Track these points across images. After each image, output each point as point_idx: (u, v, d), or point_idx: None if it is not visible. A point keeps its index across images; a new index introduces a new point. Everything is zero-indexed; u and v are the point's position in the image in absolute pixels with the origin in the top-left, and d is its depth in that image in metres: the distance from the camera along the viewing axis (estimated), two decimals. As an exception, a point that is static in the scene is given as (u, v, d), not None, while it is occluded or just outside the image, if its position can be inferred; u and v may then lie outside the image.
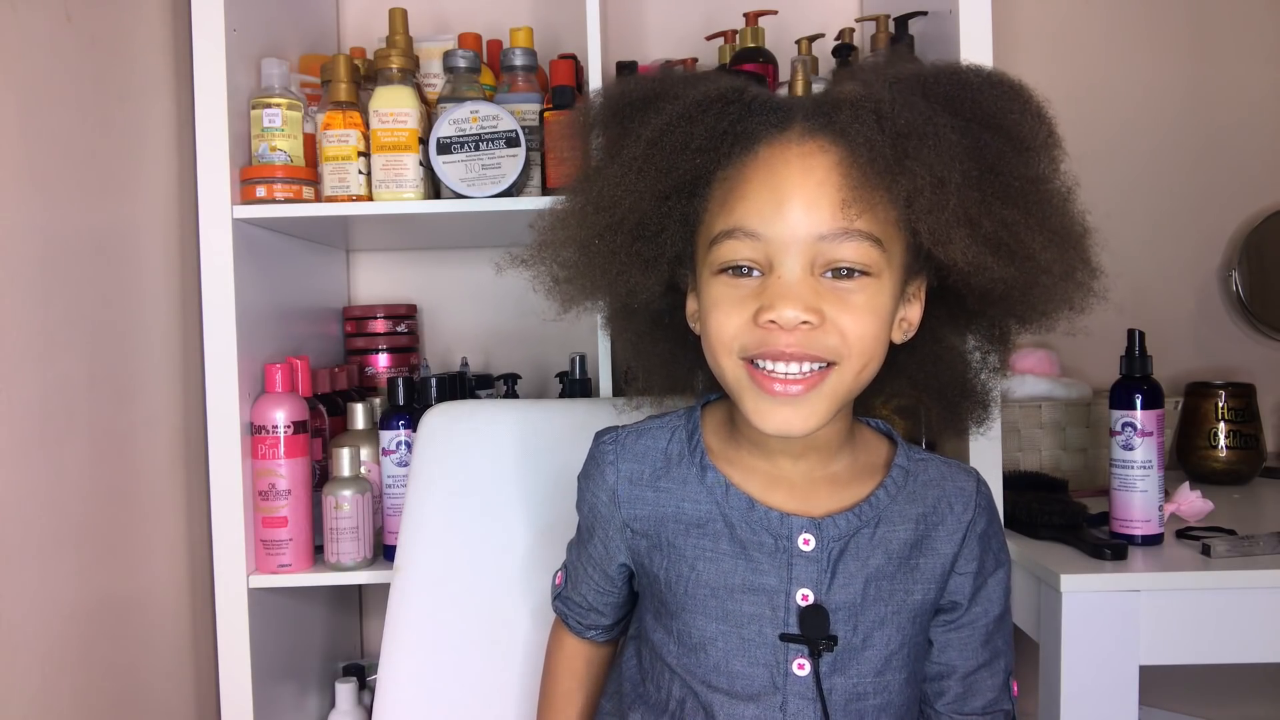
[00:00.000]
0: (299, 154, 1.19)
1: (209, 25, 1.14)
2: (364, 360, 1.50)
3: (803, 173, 0.68)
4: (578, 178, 0.79)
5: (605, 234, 0.74)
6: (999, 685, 0.80)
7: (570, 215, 0.77)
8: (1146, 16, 1.64)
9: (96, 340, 1.04)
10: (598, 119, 0.78)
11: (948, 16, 1.18)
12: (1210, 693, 1.61)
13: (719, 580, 0.75)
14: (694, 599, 0.75)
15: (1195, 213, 1.65)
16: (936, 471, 0.79)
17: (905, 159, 0.66)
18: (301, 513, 1.19)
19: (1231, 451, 1.48)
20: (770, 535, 0.74)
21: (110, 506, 1.06)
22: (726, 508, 0.76)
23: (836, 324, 0.68)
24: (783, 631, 0.74)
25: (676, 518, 0.77)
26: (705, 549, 0.75)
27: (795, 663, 0.74)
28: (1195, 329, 1.65)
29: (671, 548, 0.77)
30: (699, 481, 0.77)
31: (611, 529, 0.80)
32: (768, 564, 0.74)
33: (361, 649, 1.62)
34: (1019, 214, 0.69)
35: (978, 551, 0.77)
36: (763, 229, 0.68)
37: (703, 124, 0.70)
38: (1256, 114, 1.64)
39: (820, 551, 0.74)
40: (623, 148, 0.73)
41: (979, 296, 0.75)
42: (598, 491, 0.81)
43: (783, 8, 1.50)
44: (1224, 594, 1.01)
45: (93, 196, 1.04)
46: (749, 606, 0.74)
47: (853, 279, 0.69)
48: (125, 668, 1.08)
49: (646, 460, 0.80)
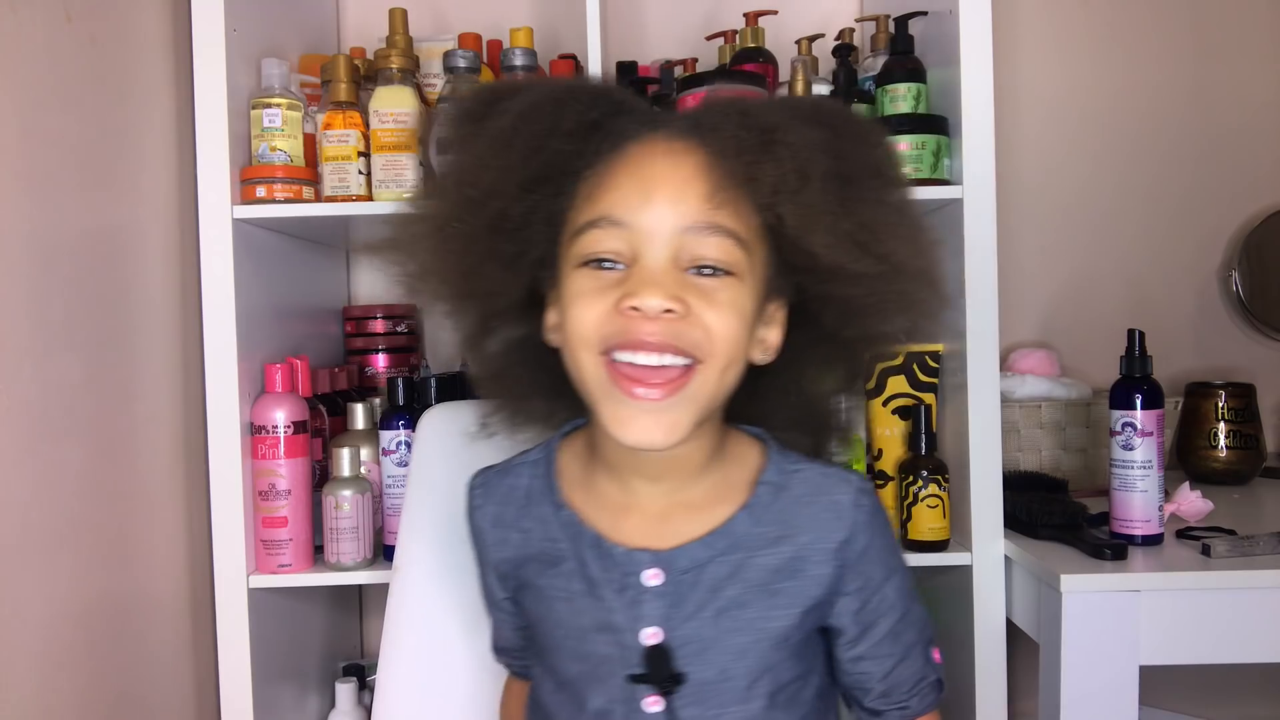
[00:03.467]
0: (299, 154, 1.19)
1: (209, 25, 1.14)
2: (364, 360, 1.50)
3: (670, 167, 0.68)
4: (439, 165, 0.79)
5: (465, 216, 0.71)
6: (920, 666, 0.78)
7: (429, 201, 0.76)
8: (1147, 16, 1.63)
9: (96, 340, 1.04)
10: (461, 115, 0.77)
11: (948, 16, 1.18)
12: (1210, 693, 1.61)
13: (572, 621, 0.74)
14: (554, 640, 0.76)
15: (1195, 213, 1.65)
16: (812, 484, 0.75)
17: (771, 147, 0.66)
18: (301, 513, 1.19)
19: (1231, 451, 1.48)
20: (619, 573, 0.72)
21: (110, 506, 1.06)
22: (579, 545, 0.74)
23: (701, 318, 0.67)
24: (630, 672, 0.72)
25: (537, 558, 0.76)
26: (560, 589, 0.75)
27: (648, 700, 0.72)
28: (1195, 329, 1.65)
29: (534, 589, 0.77)
30: (555, 519, 0.76)
31: (489, 570, 0.82)
32: (616, 602, 0.72)
33: (361, 649, 1.62)
34: (877, 216, 0.70)
35: (859, 570, 0.74)
36: (628, 218, 0.67)
37: (572, 110, 0.70)
38: (1257, 114, 1.64)
39: (669, 586, 0.72)
40: (487, 127, 0.72)
41: (837, 312, 0.74)
42: (473, 536, 0.83)
43: (783, 8, 1.50)
44: (1224, 594, 1.01)
45: (93, 196, 1.04)
46: (601, 647, 0.73)
47: (716, 277, 0.68)
48: (125, 668, 1.08)
49: (510, 501, 0.79)
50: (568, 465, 0.79)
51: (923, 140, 1.18)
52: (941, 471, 1.19)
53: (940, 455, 1.22)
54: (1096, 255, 1.65)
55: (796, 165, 0.67)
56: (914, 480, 1.19)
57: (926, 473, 1.18)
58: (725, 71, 1.36)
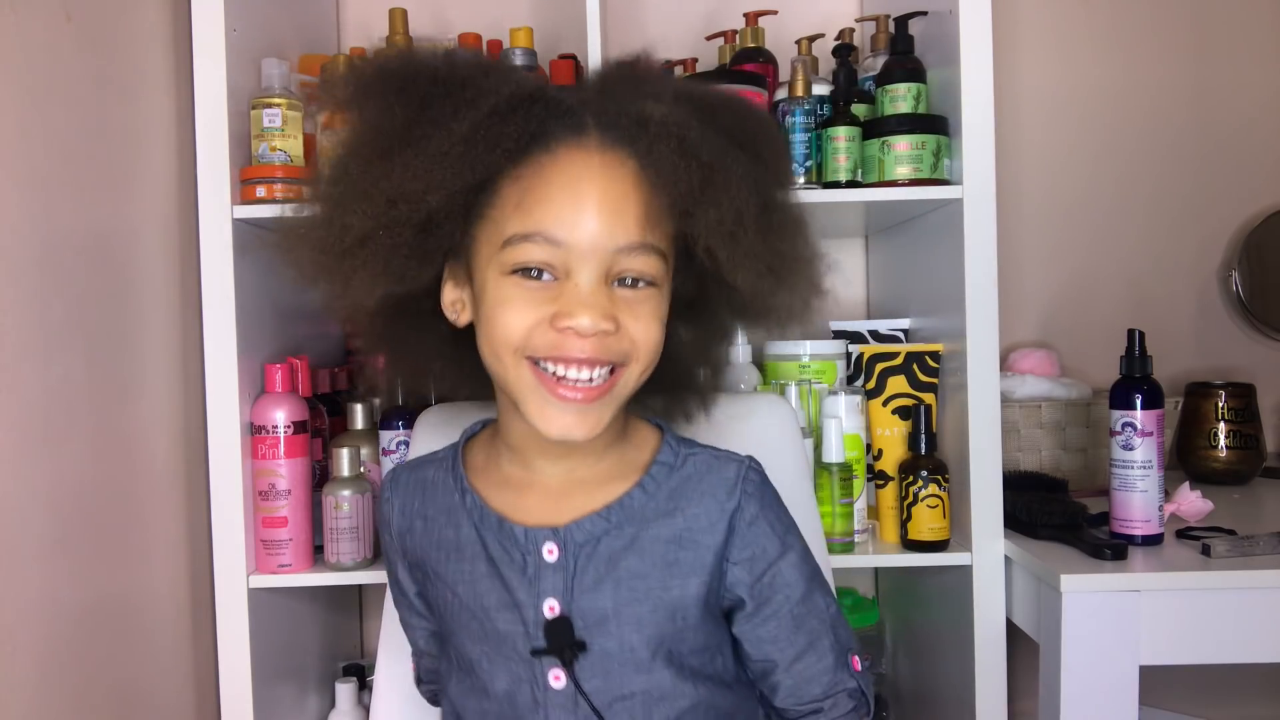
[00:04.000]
0: (299, 154, 1.19)
1: (209, 25, 1.14)
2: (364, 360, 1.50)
3: (605, 184, 0.69)
4: (345, 161, 0.72)
5: (394, 228, 0.70)
6: (831, 666, 0.78)
7: (342, 204, 0.71)
8: (1147, 16, 1.63)
9: (96, 340, 1.04)
10: (370, 91, 0.73)
11: (948, 16, 1.18)
12: (1210, 693, 1.61)
13: (475, 601, 0.76)
14: (458, 622, 0.77)
15: (1195, 213, 1.65)
16: (703, 464, 0.78)
17: (709, 189, 0.69)
18: (301, 513, 1.19)
19: (1231, 451, 1.48)
20: (519, 551, 0.75)
21: (110, 506, 1.06)
22: (482, 529, 0.77)
23: (629, 332, 0.70)
24: (533, 646, 0.73)
25: (440, 545, 0.79)
26: (464, 572, 0.76)
27: (551, 675, 0.74)
28: (1195, 329, 1.65)
29: (437, 575, 0.79)
30: (460, 507, 0.78)
31: (398, 563, 0.84)
32: (517, 580, 0.74)
33: (361, 649, 1.62)
34: (787, 245, 0.75)
35: (750, 539, 0.76)
36: (564, 236, 0.68)
37: (514, 124, 0.69)
38: (1257, 114, 1.64)
39: (566, 560, 0.74)
40: (423, 139, 0.69)
41: (733, 309, 0.79)
42: (383, 529, 0.85)
43: (783, 8, 1.50)
44: (1224, 594, 1.01)
45: (93, 196, 1.04)
46: (503, 625, 0.75)
47: (639, 289, 0.71)
48: (125, 668, 1.08)
49: (417, 492, 0.82)
50: (473, 457, 0.82)
51: (923, 140, 1.18)
52: (941, 471, 1.19)
53: (940, 455, 1.22)
54: (1097, 255, 1.65)
55: (734, 210, 0.70)
56: (914, 480, 1.19)
57: (926, 473, 1.18)
58: (725, 71, 1.36)
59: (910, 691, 1.46)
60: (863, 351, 1.30)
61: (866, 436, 1.27)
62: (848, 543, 1.20)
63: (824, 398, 1.26)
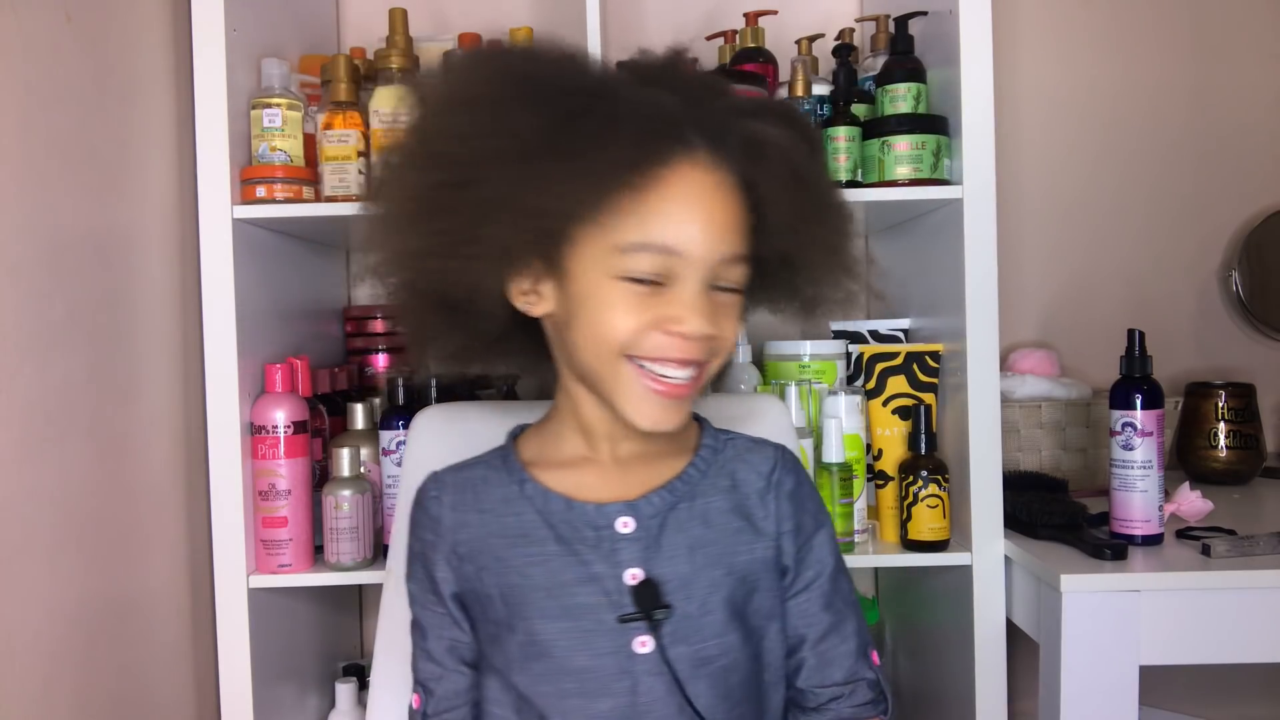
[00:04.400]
0: (299, 154, 1.19)
1: (209, 25, 1.14)
2: (364, 360, 1.50)
3: (716, 200, 0.73)
4: (476, 165, 0.70)
5: (535, 239, 0.72)
6: (854, 651, 0.81)
7: (478, 212, 0.71)
8: (1147, 16, 1.64)
9: (96, 340, 1.04)
10: (510, 93, 0.71)
11: (948, 16, 1.18)
12: (1210, 693, 1.61)
13: (550, 579, 0.77)
14: (530, 604, 0.77)
15: (1195, 213, 1.65)
16: (743, 446, 0.84)
17: (819, 210, 0.78)
18: (301, 513, 1.19)
19: (1231, 451, 1.48)
20: (591, 528, 0.78)
21: (110, 506, 1.06)
22: (547, 512, 0.79)
23: (722, 333, 0.75)
24: (621, 613, 0.75)
25: (500, 534, 0.79)
26: (533, 555, 0.78)
27: (637, 642, 0.75)
28: (1195, 329, 1.65)
29: (499, 562, 0.79)
30: (519, 496, 0.80)
31: (439, 561, 0.81)
32: (593, 554, 0.77)
33: (361, 649, 1.62)
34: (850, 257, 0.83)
35: (791, 510, 0.81)
36: (679, 247, 0.72)
37: (659, 146, 0.71)
38: (1257, 114, 1.64)
39: (641, 531, 0.78)
40: (572, 153, 0.69)
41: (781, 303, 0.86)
42: (423, 532, 0.82)
43: (783, 8, 1.50)
44: (1224, 594, 1.01)
45: (93, 196, 1.04)
46: (584, 598, 0.76)
47: (728, 293, 0.76)
48: (125, 668, 1.08)
49: (468, 488, 0.82)
50: (524, 450, 0.84)
51: (923, 140, 1.18)
52: (941, 471, 1.19)
53: (940, 455, 1.22)
54: (1096, 255, 1.65)
55: (837, 229, 0.79)
56: (914, 480, 1.19)
57: (926, 473, 1.18)
58: (725, 71, 1.36)
59: (910, 691, 1.46)
60: (863, 351, 1.30)
61: (866, 436, 1.27)
62: (848, 543, 1.20)
63: (824, 398, 1.27)
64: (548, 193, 0.69)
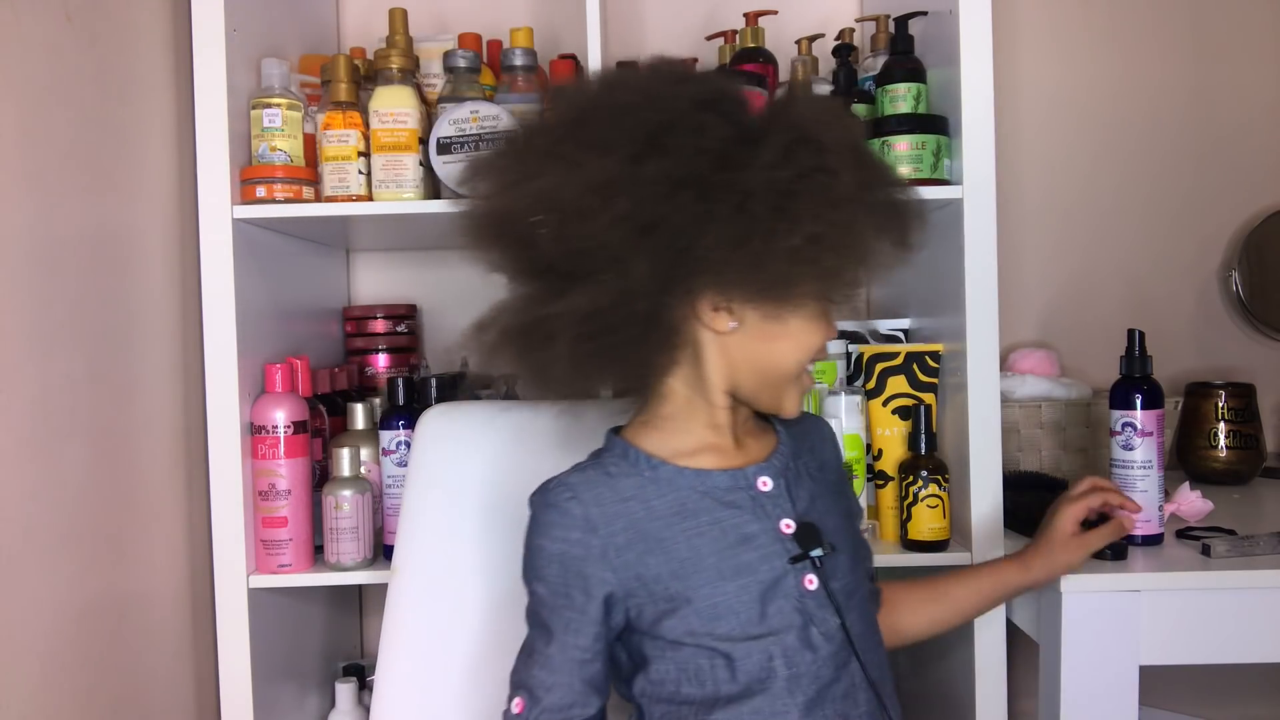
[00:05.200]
0: (299, 154, 1.19)
1: (209, 25, 1.14)
2: (364, 360, 1.50)
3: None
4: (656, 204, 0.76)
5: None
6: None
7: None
8: (1147, 16, 1.63)
9: (96, 340, 1.04)
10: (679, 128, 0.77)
11: (948, 16, 1.18)
12: (1211, 693, 1.61)
13: (715, 544, 0.82)
14: (702, 571, 0.82)
15: (1195, 213, 1.65)
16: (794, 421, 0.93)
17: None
18: (301, 513, 1.19)
19: (1231, 451, 1.48)
20: (736, 490, 0.85)
21: (110, 506, 1.06)
22: (694, 486, 0.85)
23: None
24: (791, 554, 0.83)
25: (653, 517, 0.83)
26: (690, 527, 0.83)
27: (805, 580, 0.83)
28: (1195, 329, 1.65)
29: (662, 542, 0.82)
30: (656, 480, 0.85)
31: (591, 560, 0.81)
32: (746, 515, 0.84)
33: (361, 649, 1.62)
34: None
35: (839, 462, 0.99)
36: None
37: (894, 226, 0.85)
38: (1257, 114, 1.64)
39: (778, 488, 0.86)
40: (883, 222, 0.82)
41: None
42: (565, 532, 0.82)
43: (783, 8, 1.50)
44: (1224, 594, 1.01)
45: (93, 196, 1.04)
46: (750, 554, 0.83)
47: None
48: (125, 668, 1.08)
49: (598, 484, 0.84)
50: (640, 442, 0.87)
51: (923, 140, 1.18)
52: (941, 471, 1.19)
53: (940, 455, 1.22)
54: (1096, 255, 1.65)
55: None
56: (914, 480, 1.19)
57: (926, 473, 1.18)
58: (725, 72, 1.36)
59: (910, 691, 1.46)
60: (863, 351, 1.30)
61: (866, 436, 1.27)
62: (848, 543, 1.20)
63: (824, 398, 1.27)
64: (864, 246, 0.81)
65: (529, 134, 0.88)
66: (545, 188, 0.78)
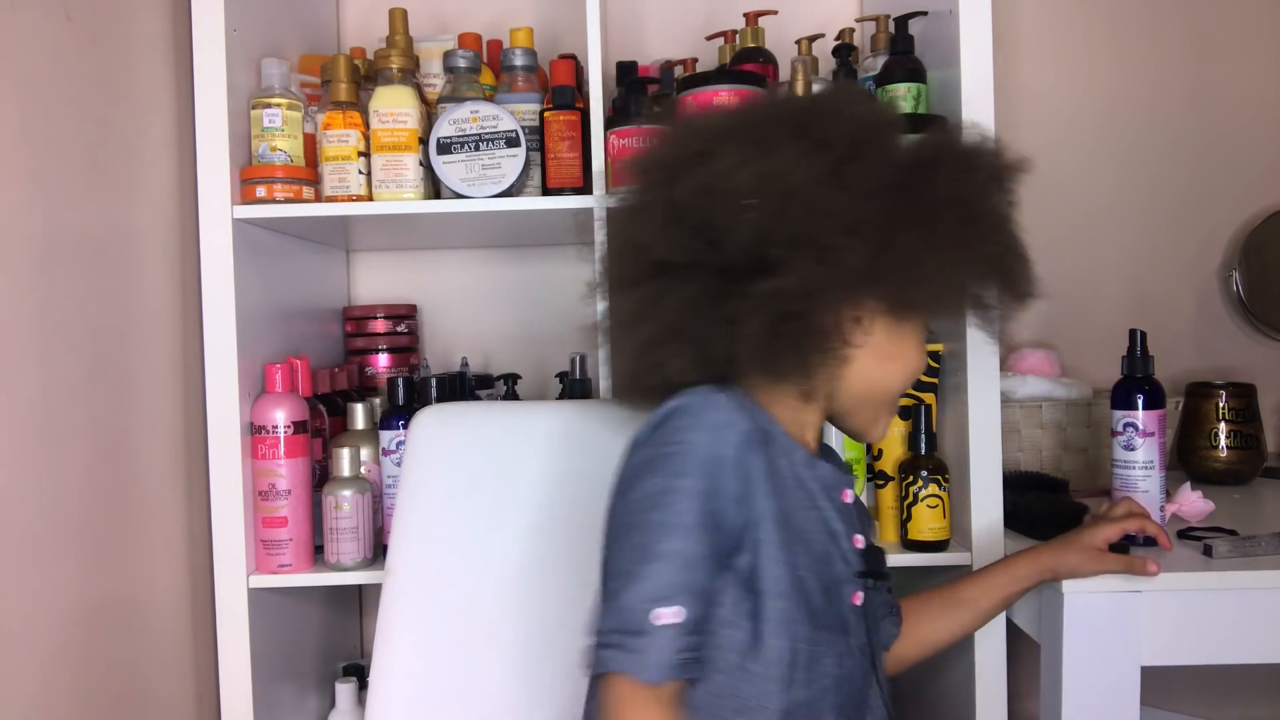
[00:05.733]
0: (299, 154, 1.19)
1: (209, 25, 1.14)
2: (364, 360, 1.50)
3: None
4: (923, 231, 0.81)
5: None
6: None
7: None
8: (1147, 17, 1.63)
9: (96, 340, 1.04)
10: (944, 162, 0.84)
11: (948, 16, 1.18)
12: (1212, 693, 1.61)
13: (807, 523, 0.85)
14: (796, 541, 0.83)
15: (1195, 213, 1.65)
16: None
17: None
18: (301, 513, 1.19)
19: (1232, 452, 1.48)
20: (831, 491, 0.88)
21: (110, 506, 1.06)
22: (812, 466, 0.87)
23: None
24: (858, 570, 0.88)
25: (773, 475, 0.83)
26: (803, 498, 0.86)
27: (854, 595, 0.88)
28: (1195, 329, 1.65)
29: (779, 498, 0.82)
30: (786, 451, 0.86)
31: (753, 473, 0.80)
32: (831, 514, 0.87)
33: (361, 649, 1.62)
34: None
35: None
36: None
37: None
38: (1257, 114, 1.64)
39: (857, 504, 0.92)
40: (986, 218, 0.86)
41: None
42: (726, 435, 0.79)
43: (783, 8, 1.50)
44: (1225, 594, 1.01)
45: (93, 196, 1.04)
46: (828, 547, 0.86)
47: None
48: (125, 668, 1.08)
49: (749, 419, 0.81)
50: (769, 406, 0.88)
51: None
52: (941, 471, 1.19)
53: (940, 455, 1.22)
54: (1096, 255, 1.65)
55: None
56: (914, 480, 1.18)
57: (926, 473, 1.18)
58: (725, 72, 1.36)
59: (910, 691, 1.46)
60: (863, 351, 1.30)
61: (867, 436, 1.27)
62: (848, 543, 1.20)
63: (824, 398, 1.26)
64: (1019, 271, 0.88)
65: (726, 126, 0.87)
66: (772, 169, 0.78)
